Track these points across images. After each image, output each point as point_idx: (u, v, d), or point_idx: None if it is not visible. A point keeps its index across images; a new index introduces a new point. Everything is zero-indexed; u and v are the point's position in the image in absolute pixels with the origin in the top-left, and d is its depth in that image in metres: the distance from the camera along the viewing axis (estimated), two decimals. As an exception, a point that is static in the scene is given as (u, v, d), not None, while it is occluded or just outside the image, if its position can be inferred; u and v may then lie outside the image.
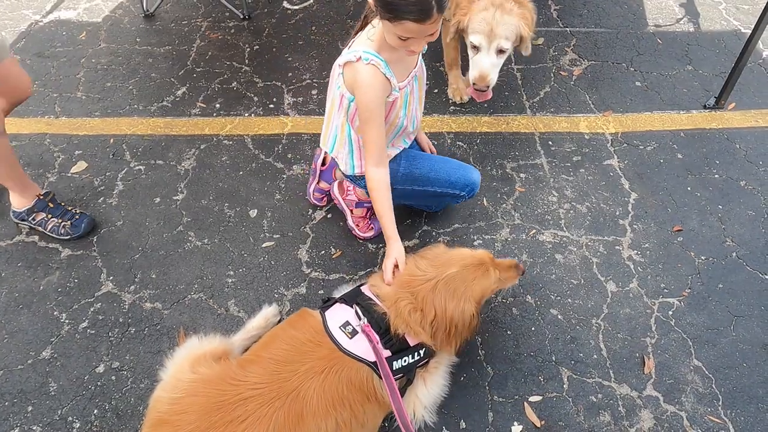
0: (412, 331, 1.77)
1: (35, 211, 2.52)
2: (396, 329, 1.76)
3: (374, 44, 1.91)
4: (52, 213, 2.53)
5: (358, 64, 1.88)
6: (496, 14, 2.47)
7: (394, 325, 1.76)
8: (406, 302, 1.76)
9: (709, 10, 3.85)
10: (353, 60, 1.88)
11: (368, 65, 1.87)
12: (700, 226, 2.62)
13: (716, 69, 3.41)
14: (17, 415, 2.02)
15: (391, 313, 1.76)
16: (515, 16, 2.52)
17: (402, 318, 1.75)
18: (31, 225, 2.55)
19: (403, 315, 1.75)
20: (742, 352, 2.20)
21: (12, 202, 2.53)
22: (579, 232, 2.60)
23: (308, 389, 1.64)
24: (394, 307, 1.76)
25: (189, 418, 1.58)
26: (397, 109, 2.07)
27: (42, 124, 3.07)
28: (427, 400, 1.92)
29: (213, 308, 2.32)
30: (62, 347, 2.20)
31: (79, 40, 3.61)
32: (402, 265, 1.93)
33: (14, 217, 2.56)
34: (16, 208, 2.53)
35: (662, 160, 2.90)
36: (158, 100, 3.21)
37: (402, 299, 1.77)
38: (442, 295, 1.77)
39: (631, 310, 2.32)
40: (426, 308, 1.77)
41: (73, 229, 2.53)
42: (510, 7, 2.51)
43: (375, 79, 1.89)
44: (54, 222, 2.52)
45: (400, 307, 1.75)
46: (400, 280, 1.84)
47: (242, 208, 2.67)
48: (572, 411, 2.05)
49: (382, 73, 1.90)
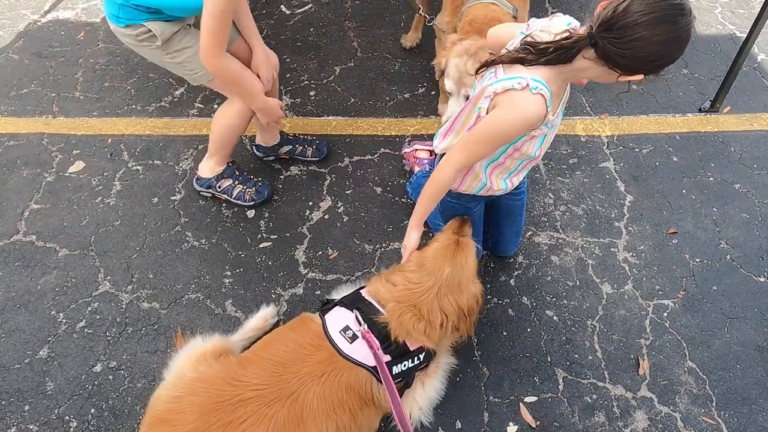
0: (415, 339, 1.78)
1: (223, 177, 2.59)
2: (397, 338, 1.76)
3: (541, 72, 1.62)
4: (238, 180, 2.61)
5: (523, 92, 1.60)
6: (468, 63, 2.27)
7: (396, 334, 1.76)
8: (409, 315, 1.76)
9: (705, 14, 3.87)
10: (517, 88, 1.60)
11: (536, 95, 1.60)
12: (694, 228, 2.64)
13: (712, 72, 3.43)
14: (14, 414, 2.03)
15: (392, 325, 1.76)
16: None
17: (404, 328, 1.75)
18: (215, 193, 2.62)
19: (406, 326, 1.75)
20: (736, 354, 2.22)
21: (200, 170, 2.59)
22: (575, 233, 2.61)
23: (308, 392, 1.65)
24: (396, 320, 1.76)
25: (188, 418, 1.58)
26: (536, 141, 1.82)
27: (40, 124, 3.07)
28: (423, 401, 1.93)
29: (210, 308, 2.33)
30: (59, 346, 2.20)
31: (78, 40, 3.61)
32: (405, 259, 1.91)
33: (199, 185, 2.63)
34: (203, 176, 2.59)
35: (658, 163, 2.92)
36: (156, 101, 3.22)
37: (405, 313, 1.76)
38: (448, 296, 1.78)
39: (626, 311, 2.34)
40: (432, 316, 1.76)
41: (258, 195, 2.63)
42: (483, 57, 2.30)
43: (537, 110, 1.62)
44: (240, 189, 2.60)
45: (403, 321, 1.75)
46: (398, 289, 1.81)
47: (239, 208, 2.68)
48: (567, 411, 2.06)
49: (545, 105, 1.63)
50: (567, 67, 1.60)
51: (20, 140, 2.98)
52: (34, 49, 3.54)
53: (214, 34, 2.00)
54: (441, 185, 1.85)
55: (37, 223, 2.61)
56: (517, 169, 1.98)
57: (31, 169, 2.84)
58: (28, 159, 2.89)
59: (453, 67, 2.32)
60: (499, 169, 1.96)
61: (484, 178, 1.98)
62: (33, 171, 2.83)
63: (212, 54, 2.05)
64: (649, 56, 1.45)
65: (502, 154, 1.87)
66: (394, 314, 1.77)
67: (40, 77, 3.35)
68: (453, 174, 1.81)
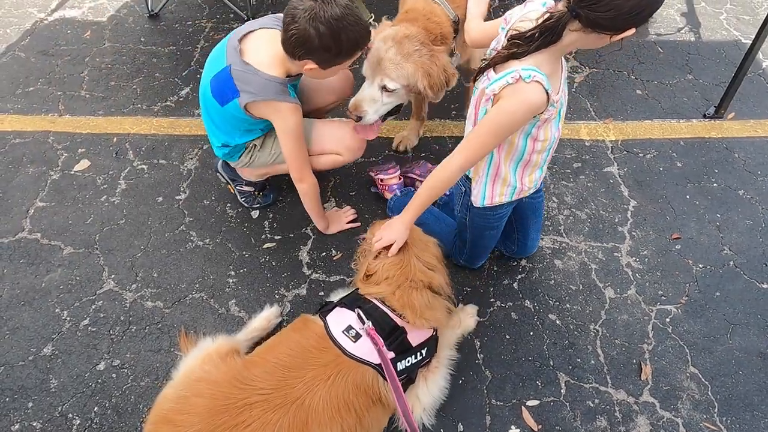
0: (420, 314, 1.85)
1: (250, 184, 2.62)
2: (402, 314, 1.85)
3: (532, 60, 1.65)
4: (256, 188, 2.66)
5: (518, 84, 1.63)
6: (388, 50, 2.12)
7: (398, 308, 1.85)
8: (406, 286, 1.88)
9: (710, 20, 3.88)
10: (511, 82, 1.63)
11: (531, 83, 1.62)
12: (698, 234, 2.64)
13: (716, 78, 3.43)
14: (17, 411, 2.03)
15: (393, 302, 1.86)
16: (411, 63, 2.12)
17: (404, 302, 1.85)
18: (231, 185, 2.66)
19: (407, 299, 1.85)
20: (739, 360, 2.22)
21: (245, 173, 2.59)
22: (578, 238, 2.61)
23: (314, 397, 1.65)
24: (394, 296, 1.86)
25: (193, 419, 1.59)
26: (551, 124, 1.84)
27: (46, 122, 3.08)
28: (427, 401, 1.94)
29: (214, 308, 2.33)
30: (63, 344, 2.21)
31: (84, 39, 3.62)
32: (394, 251, 1.91)
33: (224, 171, 2.64)
34: (246, 177, 2.60)
35: (662, 168, 2.93)
36: (162, 100, 3.23)
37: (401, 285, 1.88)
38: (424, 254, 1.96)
39: (629, 316, 2.34)
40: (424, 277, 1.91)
41: (264, 199, 2.69)
42: (410, 49, 2.11)
43: (536, 97, 1.65)
44: (249, 191, 2.64)
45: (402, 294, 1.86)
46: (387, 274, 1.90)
47: (244, 208, 2.69)
48: (569, 416, 2.06)
49: (544, 89, 1.65)
50: (557, 46, 1.64)
51: (26, 138, 2.99)
52: (41, 47, 3.56)
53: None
54: (448, 178, 1.85)
55: (42, 220, 2.62)
56: (545, 161, 2.01)
57: (37, 167, 2.85)
58: (34, 157, 2.90)
59: (374, 50, 2.16)
60: (529, 168, 1.97)
61: (514, 181, 1.99)
62: (38, 169, 2.84)
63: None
64: (632, 10, 1.48)
65: (526, 151, 1.87)
66: (389, 290, 1.85)
67: (47, 75, 3.36)
68: (457, 173, 1.83)
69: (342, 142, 2.43)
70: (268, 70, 2.09)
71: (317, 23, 1.90)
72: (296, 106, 2.16)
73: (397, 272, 1.88)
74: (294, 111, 2.15)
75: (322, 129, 2.45)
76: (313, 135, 2.43)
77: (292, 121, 2.16)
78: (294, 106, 2.15)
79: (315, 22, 1.90)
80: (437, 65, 2.17)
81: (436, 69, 2.16)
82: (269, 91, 2.09)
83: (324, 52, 1.98)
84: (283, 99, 2.11)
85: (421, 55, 2.14)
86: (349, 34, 1.96)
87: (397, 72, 2.15)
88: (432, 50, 2.17)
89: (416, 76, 2.15)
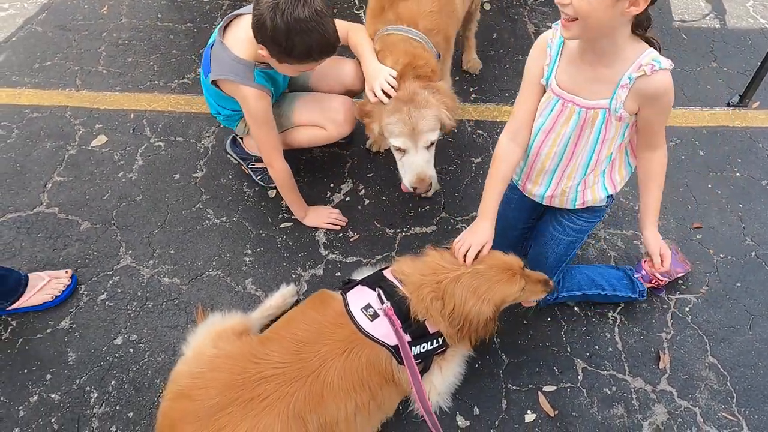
0: (432, 318, 1.76)
1: (261, 161, 2.55)
2: (416, 314, 1.75)
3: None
4: None
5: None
6: (411, 111, 2.18)
7: (415, 310, 1.74)
8: (428, 289, 1.74)
9: (736, 7, 3.80)
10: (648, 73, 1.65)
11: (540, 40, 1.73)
12: (719, 224, 2.60)
13: (741, 67, 3.36)
14: (36, 383, 2.05)
15: (413, 298, 1.75)
16: (432, 107, 2.21)
17: (423, 304, 1.74)
18: (243, 165, 2.67)
19: (425, 301, 1.73)
20: (758, 351, 2.20)
21: (246, 142, 2.60)
22: (598, 225, 2.58)
23: (329, 370, 1.65)
24: (416, 293, 1.75)
25: (210, 393, 1.59)
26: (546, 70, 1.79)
27: (63, 97, 3.07)
28: (442, 386, 1.92)
29: (231, 286, 2.33)
30: (81, 318, 2.22)
31: (101, 14, 3.60)
32: (486, 251, 1.80)
33: (234, 151, 2.65)
34: (246, 149, 2.61)
35: (684, 157, 2.88)
36: (179, 77, 3.21)
37: (425, 286, 1.74)
38: (464, 289, 1.73)
39: (648, 304, 2.32)
40: (446, 298, 1.74)
41: None
42: (424, 98, 2.21)
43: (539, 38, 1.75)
44: (261, 167, 2.60)
45: (422, 294, 1.74)
46: (427, 266, 1.80)
47: (261, 187, 2.68)
48: (586, 402, 2.05)
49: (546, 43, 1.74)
50: None
51: (43, 112, 2.99)
52: (58, 21, 3.54)
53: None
54: (506, 158, 1.82)
55: (60, 195, 2.62)
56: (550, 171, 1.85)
57: (54, 142, 2.84)
58: (51, 131, 2.89)
59: (397, 123, 2.19)
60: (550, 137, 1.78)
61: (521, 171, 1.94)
62: (56, 143, 2.84)
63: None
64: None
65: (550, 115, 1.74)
66: (416, 285, 1.76)
67: (64, 50, 3.35)
68: (510, 143, 1.82)
69: (327, 113, 2.38)
70: (237, 51, 2.11)
71: (276, 15, 1.89)
72: (260, 93, 2.13)
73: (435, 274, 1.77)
74: (257, 97, 2.13)
75: (309, 99, 2.41)
76: (297, 104, 2.39)
77: (254, 107, 2.15)
78: (257, 93, 2.13)
79: (274, 13, 1.89)
80: (445, 95, 2.29)
81: (447, 98, 2.28)
82: (232, 71, 2.11)
83: (274, 45, 1.97)
84: (246, 83, 2.11)
85: (431, 95, 2.23)
86: (305, 39, 1.94)
87: (430, 123, 2.22)
88: (434, 87, 2.25)
89: (441, 113, 2.25)
